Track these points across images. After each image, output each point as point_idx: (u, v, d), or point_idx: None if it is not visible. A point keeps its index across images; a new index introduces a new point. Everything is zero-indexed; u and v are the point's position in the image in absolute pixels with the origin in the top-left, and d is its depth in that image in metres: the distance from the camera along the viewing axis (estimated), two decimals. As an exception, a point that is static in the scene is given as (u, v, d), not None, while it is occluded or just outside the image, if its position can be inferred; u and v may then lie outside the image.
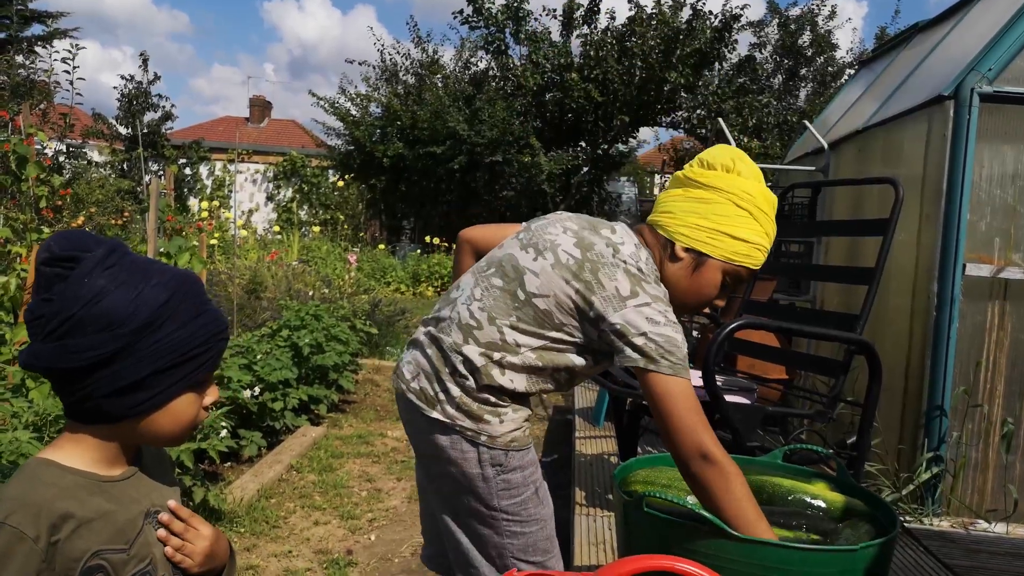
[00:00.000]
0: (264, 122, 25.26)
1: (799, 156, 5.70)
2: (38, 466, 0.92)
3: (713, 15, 14.66)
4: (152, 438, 0.99)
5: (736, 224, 1.50)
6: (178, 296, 0.95)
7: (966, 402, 3.17)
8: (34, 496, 0.87)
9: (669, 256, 1.53)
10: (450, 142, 15.18)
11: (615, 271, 1.46)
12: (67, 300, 0.89)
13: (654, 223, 1.57)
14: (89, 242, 0.94)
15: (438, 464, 1.52)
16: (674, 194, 1.57)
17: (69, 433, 0.96)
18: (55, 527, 0.87)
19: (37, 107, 7.97)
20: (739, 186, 1.50)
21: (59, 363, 0.90)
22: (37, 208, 4.66)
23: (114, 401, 0.92)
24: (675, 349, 1.40)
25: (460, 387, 1.48)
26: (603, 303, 1.43)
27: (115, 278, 0.91)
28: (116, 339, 0.90)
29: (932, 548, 2.54)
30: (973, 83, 3.08)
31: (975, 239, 3.16)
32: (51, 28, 16.32)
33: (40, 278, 0.92)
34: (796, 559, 1.28)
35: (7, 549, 0.84)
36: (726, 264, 1.51)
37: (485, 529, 1.52)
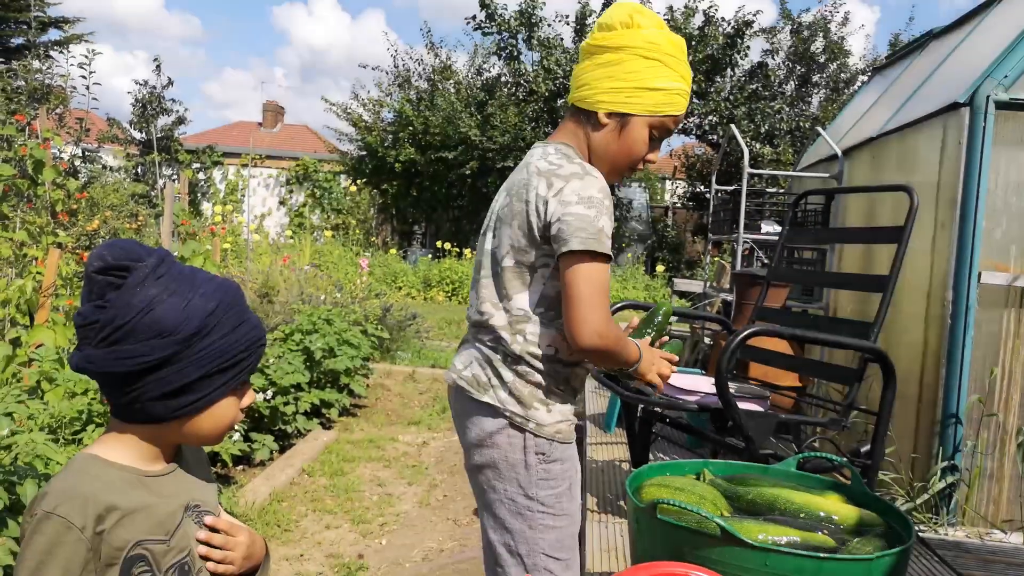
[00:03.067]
0: (277, 127, 25.40)
1: (812, 163, 5.68)
2: (84, 460, 0.97)
3: (725, 21, 14.64)
4: (193, 438, 1.04)
5: (649, 76, 1.51)
6: (223, 305, 1.00)
7: (981, 411, 3.15)
8: (81, 488, 0.92)
9: (592, 127, 1.56)
10: (462, 147, 15.22)
11: (531, 181, 1.51)
12: (121, 308, 0.94)
13: (574, 99, 1.60)
14: (140, 252, 0.98)
15: (482, 451, 1.54)
16: (584, 67, 1.57)
17: (115, 432, 1.01)
18: (100, 518, 0.91)
19: (54, 112, 8.05)
20: (642, 38, 1.51)
21: (111, 367, 0.94)
22: (53, 212, 4.70)
23: (161, 404, 0.97)
24: (587, 224, 1.40)
25: (513, 372, 1.52)
26: (535, 215, 1.48)
27: (166, 287, 0.96)
28: (166, 346, 0.94)
29: (947, 558, 2.51)
30: (989, 90, 3.07)
31: (991, 247, 3.14)
32: (68, 33, 16.48)
33: (92, 285, 0.95)
34: (810, 567, 1.28)
35: (56, 538, 0.88)
36: (651, 118, 1.54)
37: (518, 522, 1.53)
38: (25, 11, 14.70)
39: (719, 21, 14.58)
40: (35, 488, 2.57)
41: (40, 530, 0.88)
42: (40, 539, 0.88)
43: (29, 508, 0.91)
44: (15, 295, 4.01)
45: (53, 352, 3.61)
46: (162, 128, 17.70)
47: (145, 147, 17.35)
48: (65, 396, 3.36)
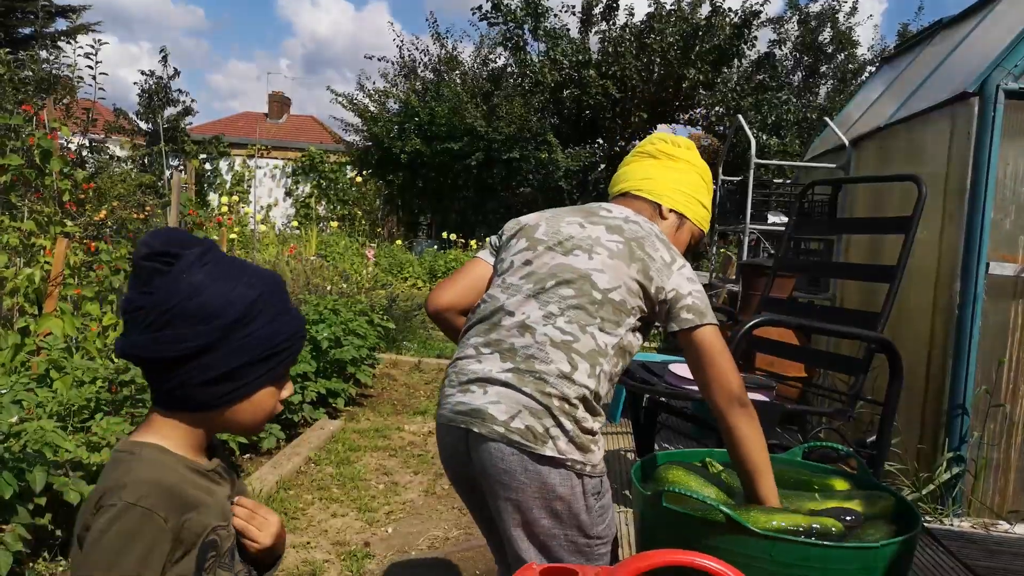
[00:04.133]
0: (283, 118, 25.38)
1: (820, 153, 5.66)
2: (154, 451, 0.98)
3: (732, 11, 14.54)
4: (234, 426, 1.05)
5: (702, 194, 1.77)
6: (267, 294, 1.01)
7: (988, 402, 3.14)
8: (164, 479, 0.94)
9: (660, 216, 1.72)
10: (468, 138, 15.18)
11: (654, 242, 1.59)
12: (167, 294, 0.95)
13: (633, 189, 1.74)
14: (187, 239, 0.99)
15: (541, 504, 1.45)
16: (649, 164, 1.76)
17: (160, 418, 1.01)
18: (184, 507, 0.94)
19: (61, 102, 8.05)
20: (701, 162, 1.78)
21: (157, 352, 0.95)
22: (60, 202, 4.72)
23: (205, 390, 0.98)
24: (708, 301, 1.57)
25: (572, 419, 1.46)
26: (658, 274, 1.55)
27: (211, 274, 0.97)
28: (211, 332, 0.95)
29: (952, 548, 2.52)
30: (999, 80, 3.05)
31: (999, 238, 3.12)
32: (74, 23, 16.48)
33: (139, 272, 0.96)
34: (816, 555, 1.28)
35: (138, 528, 0.90)
36: (695, 227, 1.77)
37: (577, 559, 1.51)
38: (32, 1, 14.71)
39: (726, 11, 14.48)
40: (44, 475, 2.59)
41: (122, 520, 0.89)
42: (120, 529, 0.89)
43: (101, 498, 0.91)
44: (23, 284, 4.03)
45: (61, 341, 3.63)
46: (169, 119, 17.69)
47: (152, 137, 17.36)
48: (73, 384, 3.38)
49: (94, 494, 0.94)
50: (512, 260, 1.61)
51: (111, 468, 0.97)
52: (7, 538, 2.45)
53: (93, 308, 4.41)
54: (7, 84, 8.09)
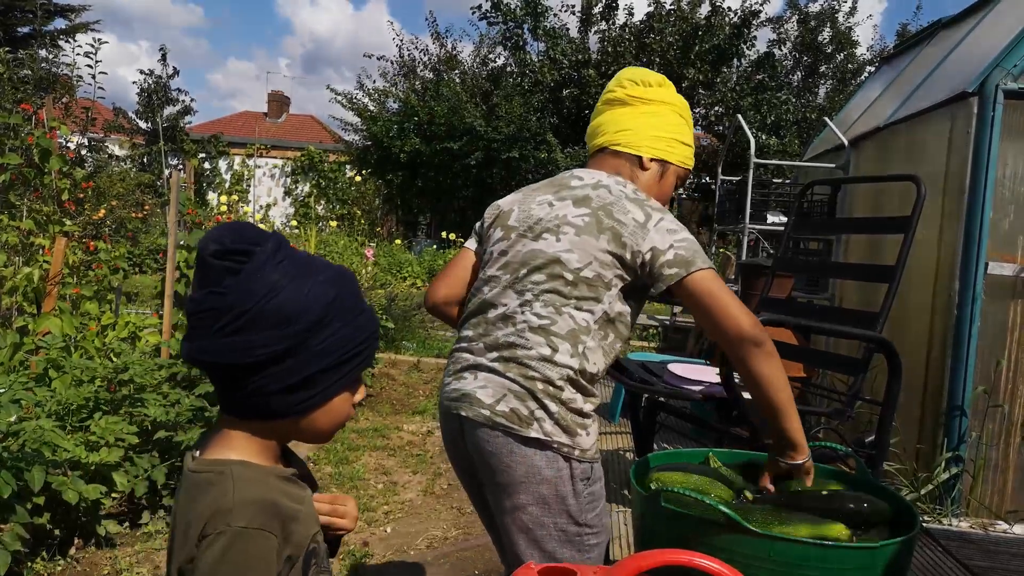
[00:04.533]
0: (282, 117, 25.38)
1: (819, 153, 5.66)
2: (242, 468, 0.91)
3: (732, 11, 14.55)
4: (309, 435, 0.98)
5: (682, 132, 1.69)
6: (343, 294, 0.94)
7: (986, 402, 3.14)
8: (265, 496, 0.89)
9: (639, 168, 1.66)
10: (467, 138, 15.18)
11: (624, 205, 1.55)
12: (242, 294, 0.87)
13: (611, 143, 1.67)
14: (258, 235, 0.92)
15: (529, 488, 1.46)
16: (622, 113, 1.68)
17: (234, 430, 0.95)
18: (286, 520, 0.89)
19: (60, 101, 8.05)
20: (677, 98, 1.70)
21: (231, 358, 0.88)
22: (59, 201, 4.71)
23: (282, 398, 0.91)
24: (697, 246, 1.52)
25: (556, 400, 1.46)
26: (632, 238, 1.51)
27: (286, 273, 0.90)
28: (289, 336, 0.89)
29: (951, 548, 2.52)
30: (998, 80, 3.05)
31: (998, 237, 3.12)
32: (73, 22, 16.47)
33: (208, 270, 0.89)
34: (814, 555, 1.28)
35: (257, 551, 0.85)
36: (679, 168, 1.71)
37: (568, 551, 1.50)
38: (30, 0, 14.70)
39: (726, 11, 14.49)
40: (42, 474, 2.59)
41: (236, 546, 0.84)
42: (237, 556, 0.84)
43: (206, 526, 0.85)
44: (22, 283, 4.03)
45: (60, 340, 3.63)
46: (168, 118, 17.70)
47: (151, 137, 17.36)
48: (72, 384, 3.37)
49: (192, 522, 0.87)
50: (491, 251, 1.64)
51: (201, 492, 0.89)
52: (6, 537, 2.45)
53: (92, 307, 4.40)
54: (6, 83, 8.08)
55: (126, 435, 3.01)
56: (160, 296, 4.65)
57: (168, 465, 3.22)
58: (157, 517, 3.25)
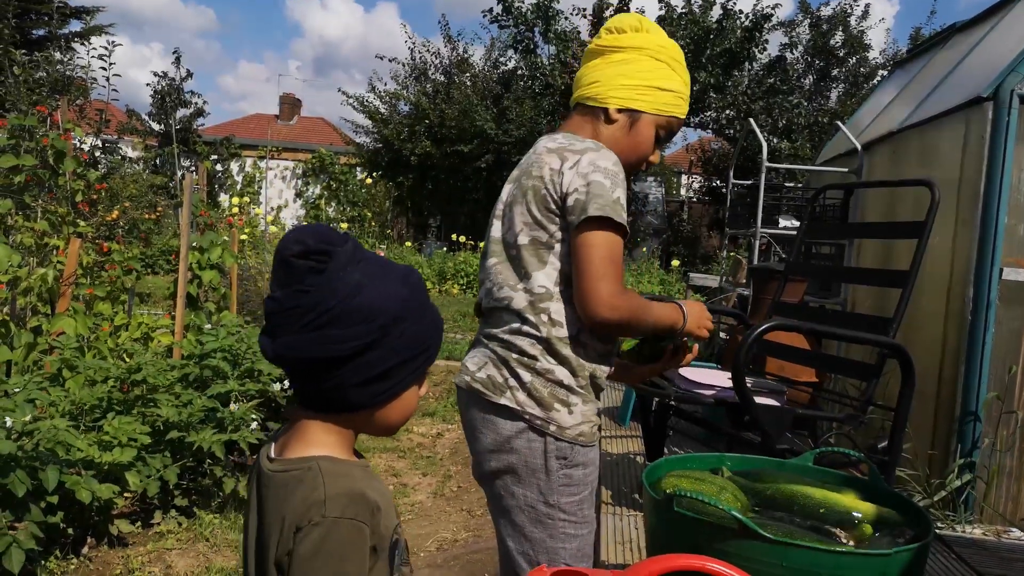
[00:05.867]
0: (294, 119, 25.49)
1: (831, 157, 5.64)
2: (328, 462, 0.95)
3: (744, 15, 14.52)
4: (380, 427, 1.03)
5: (659, 76, 1.57)
6: (415, 291, 1.00)
7: (1000, 408, 3.12)
8: (354, 487, 0.93)
9: (604, 121, 1.58)
10: (477, 141, 15.21)
11: (541, 159, 1.51)
12: (326, 292, 0.92)
13: (582, 97, 1.61)
14: (336, 236, 0.97)
15: (499, 456, 1.47)
16: (594, 65, 1.61)
17: (312, 423, 0.99)
18: (374, 511, 0.93)
19: (74, 103, 8.11)
20: (653, 41, 1.58)
21: (316, 353, 0.93)
22: (73, 202, 4.75)
23: (361, 390, 0.96)
24: (604, 191, 1.41)
25: (530, 370, 1.45)
26: (552, 187, 1.46)
27: (366, 272, 0.96)
28: (371, 331, 0.94)
29: (965, 556, 2.50)
30: (1013, 84, 3.03)
31: (1013, 243, 3.10)
32: (88, 25, 16.60)
33: (291, 270, 0.93)
34: (828, 562, 1.27)
35: (352, 540, 0.89)
36: (657, 116, 1.58)
37: (538, 531, 1.48)
38: (47, 2, 14.82)
39: (737, 14, 14.46)
40: (56, 474, 2.61)
41: (332, 535, 0.88)
42: (333, 545, 0.88)
43: (300, 519, 0.89)
44: (37, 284, 4.06)
45: (73, 340, 3.66)
46: (181, 120, 17.81)
47: (164, 139, 17.46)
48: (85, 383, 3.40)
49: (287, 517, 0.90)
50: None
51: (291, 489, 0.92)
52: (20, 536, 2.47)
53: (105, 308, 4.44)
54: (22, 85, 8.16)
55: (139, 435, 3.03)
56: (173, 297, 4.68)
57: (180, 465, 3.24)
58: (169, 517, 3.27)
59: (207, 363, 3.82)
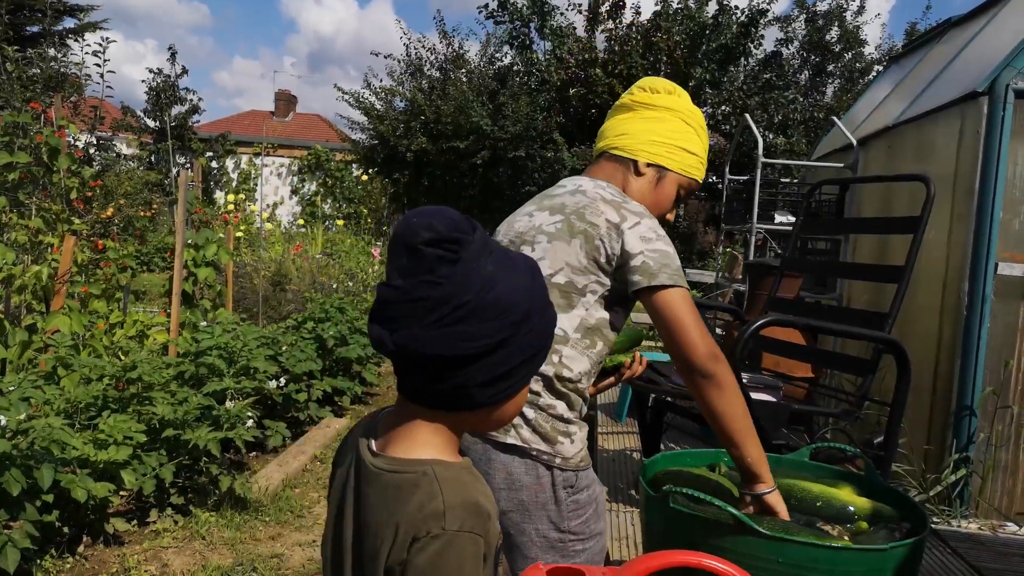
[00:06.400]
0: (289, 116, 25.42)
1: (827, 153, 5.64)
2: (442, 467, 0.90)
3: (739, 10, 14.51)
4: (491, 424, 0.98)
5: (687, 139, 1.63)
6: (540, 284, 0.94)
7: (995, 403, 3.12)
8: (470, 497, 0.88)
9: (634, 173, 1.62)
10: (473, 137, 15.18)
11: (597, 207, 1.51)
12: (461, 285, 0.86)
13: (610, 147, 1.65)
14: (465, 223, 0.91)
15: (508, 496, 1.46)
16: (625, 118, 1.66)
17: (422, 423, 0.93)
18: (487, 519, 0.89)
19: (68, 100, 8.08)
20: (685, 105, 1.65)
21: (446, 351, 0.86)
22: (68, 199, 4.73)
23: (485, 389, 0.90)
24: (670, 260, 1.46)
25: (533, 407, 1.46)
26: (607, 240, 1.48)
27: (498, 264, 0.90)
28: (503, 328, 0.88)
29: (960, 550, 2.50)
30: (1008, 79, 3.03)
31: (1008, 238, 3.11)
32: (82, 21, 16.53)
33: (419, 258, 0.86)
34: (824, 557, 1.28)
35: (470, 553, 0.85)
36: (681, 177, 1.64)
37: (551, 556, 1.49)
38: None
39: (733, 10, 14.45)
40: (51, 473, 2.60)
41: (452, 550, 0.84)
42: (453, 561, 0.84)
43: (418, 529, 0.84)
44: (31, 281, 4.05)
45: (68, 338, 3.65)
46: (176, 117, 17.76)
47: (159, 135, 17.41)
48: (80, 382, 3.39)
49: (401, 526, 0.85)
50: None
51: (404, 494, 0.87)
52: (15, 535, 2.46)
53: (100, 305, 4.42)
54: (16, 82, 8.12)
55: (134, 433, 3.02)
56: (168, 294, 4.67)
57: (176, 463, 3.23)
58: (165, 515, 3.26)
59: (203, 361, 3.82)
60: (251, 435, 3.61)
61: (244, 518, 3.34)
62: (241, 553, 3.06)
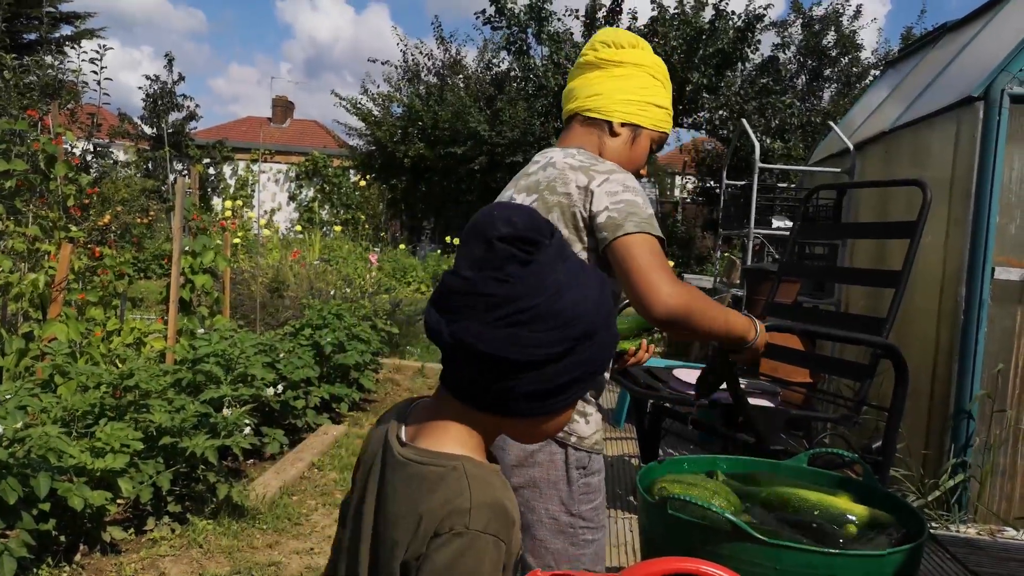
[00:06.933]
0: (287, 122, 25.44)
1: (824, 158, 5.65)
2: (472, 465, 0.86)
3: (736, 15, 14.55)
4: (526, 435, 0.95)
5: (656, 94, 1.62)
6: (608, 301, 0.89)
7: (992, 407, 3.12)
8: (497, 499, 0.85)
9: (609, 134, 1.61)
10: (471, 142, 15.19)
11: (566, 175, 1.51)
12: (530, 287, 0.82)
13: (582, 109, 1.62)
14: (545, 225, 0.87)
15: (521, 472, 1.47)
16: (594, 77, 1.63)
17: (453, 421, 0.89)
18: (512, 525, 0.85)
19: (65, 107, 8.08)
20: (651, 59, 1.63)
21: (500, 351, 0.82)
22: (65, 207, 4.72)
23: (529, 400, 0.86)
24: (637, 209, 1.44)
25: None
26: (581, 205, 1.47)
27: (570, 272, 0.85)
28: (565, 340, 0.83)
29: (959, 555, 2.50)
30: (1004, 84, 3.04)
31: (1004, 242, 3.11)
32: (79, 29, 16.55)
33: (492, 253, 0.84)
34: (821, 564, 1.27)
35: (491, 555, 0.82)
36: (653, 132, 1.64)
37: (560, 542, 1.48)
38: (37, 7, 14.77)
39: (730, 15, 14.49)
40: (48, 481, 2.59)
41: (473, 550, 0.81)
42: (472, 562, 0.81)
43: (440, 524, 0.81)
44: (28, 289, 4.04)
45: (65, 346, 3.64)
46: (173, 123, 17.77)
47: (156, 142, 17.42)
48: (77, 389, 3.38)
49: (424, 517, 0.82)
50: None
51: (430, 486, 0.84)
52: (11, 544, 2.45)
53: (97, 313, 4.42)
54: (12, 89, 8.12)
55: (131, 441, 3.01)
56: (165, 302, 4.66)
57: (173, 471, 3.22)
58: (162, 523, 3.25)
59: (200, 368, 3.81)
60: (248, 442, 3.60)
61: (241, 526, 3.33)
62: (238, 561, 3.05)
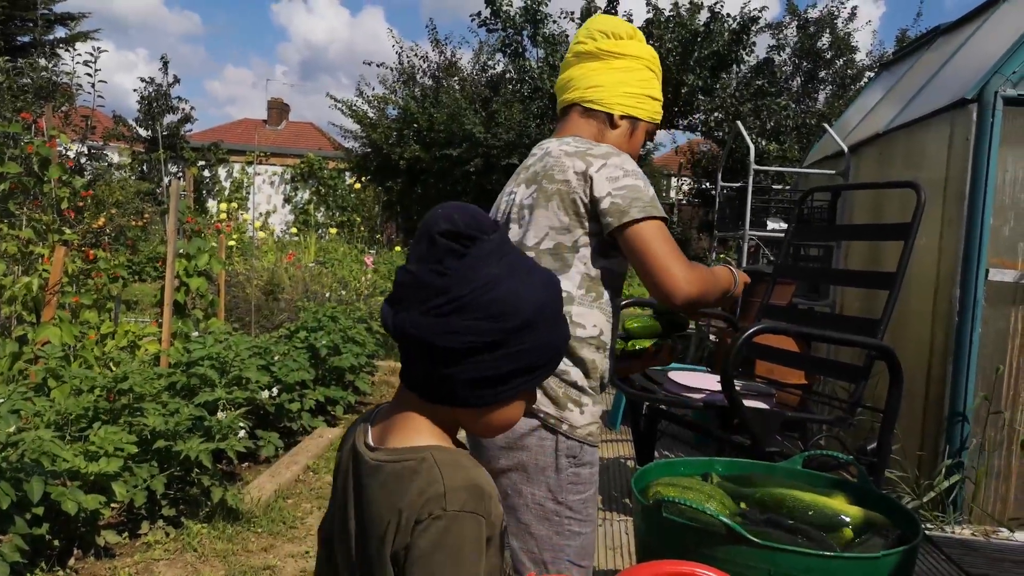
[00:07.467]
0: (282, 124, 25.42)
1: (818, 159, 5.66)
2: (446, 453, 0.92)
3: (731, 17, 14.58)
4: (480, 428, 0.98)
5: (652, 86, 1.66)
6: (552, 300, 0.94)
7: (988, 408, 3.13)
8: (470, 478, 0.89)
9: (609, 127, 1.63)
10: (466, 144, 15.19)
11: (562, 162, 1.52)
12: (461, 279, 0.88)
13: (583, 100, 1.64)
14: (487, 223, 0.92)
15: (510, 454, 1.48)
16: (593, 68, 1.64)
17: (416, 415, 0.95)
18: (489, 500, 0.89)
19: (59, 109, 8.06)
20: (648, 52, 1.66)
21: (436, 340, 0.88)
22: (59, 209, 4.71)
23: (468, 388, 0.91)
24: (640, 194, 1.47)
25: None
26: (581, 191, 1.49)
27: (507, 268, 0.90)
28: (495, 331, 0.88)
29: (954, 556, 2.51)
30: (997, 86, 3.05)
31: (998, 244, 3.12)
32: (73, 31, 16.51)
33: (433, 247, 0.89)
34: (816, 566, 1.27)
35: (471, 533, 0.86)
36: (649, 124, 1.68)
37: (544, 528, 1.49)
38: (31, 9, 14.74)
39: (725, 17, 14.51)
40: (42, 485, 2.58)
41: (453, 529, 0.85)
42: (454, 540, 0.85)
43: (419, 511, 0.86)
44: (21, 292, 4.02)
45: (59, 349, 3.62)
46: (168, 126, 17.74)
47: (151, 145, 17.39)
48: (71, 393, 3.37)
49: (404, 510, 0.87)
50: None
51: (404, 481, 0.89)
52: (4, 548, 2.44)
53: (91, 316, 4.40)
54: (6, 92, 8.10)
55: (125, 445, 3.00)
56: (160, 304, 4.65)
57: (167, 475, 3.21)
58: (156, 527, 3.24)
59: (194, 371, 3.79)
60: (243, 446, 3.59)
61: (236, 529, 3.32)
62: (233, 565, 3.04)
